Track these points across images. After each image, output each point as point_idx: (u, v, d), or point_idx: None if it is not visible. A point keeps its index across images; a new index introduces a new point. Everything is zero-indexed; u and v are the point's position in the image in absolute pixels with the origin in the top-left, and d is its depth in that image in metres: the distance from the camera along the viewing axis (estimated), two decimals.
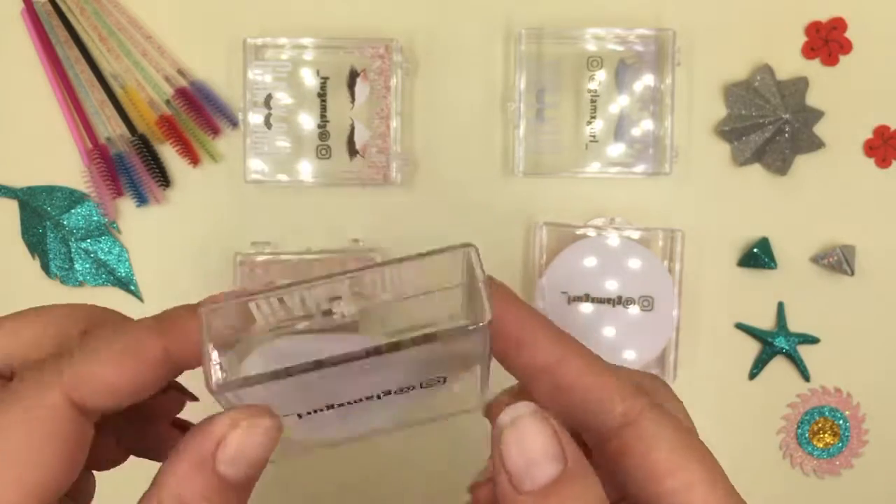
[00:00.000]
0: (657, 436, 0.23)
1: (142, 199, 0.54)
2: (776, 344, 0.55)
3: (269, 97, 0.53)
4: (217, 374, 0.21)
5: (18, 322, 0.23)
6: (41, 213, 0.55)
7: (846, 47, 0.54)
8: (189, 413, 0.27)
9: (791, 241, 0.55)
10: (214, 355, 0.21)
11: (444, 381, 0.24)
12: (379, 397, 0.24)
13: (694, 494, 0.22)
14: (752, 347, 0.56)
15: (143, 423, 0.27)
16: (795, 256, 0.55)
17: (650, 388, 0.25)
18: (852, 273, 0.54)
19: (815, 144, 0.54)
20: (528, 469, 0.20)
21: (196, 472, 0.20)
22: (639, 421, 0.23)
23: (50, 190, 0.55)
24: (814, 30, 0.54)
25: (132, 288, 0.55)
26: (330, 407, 0.23)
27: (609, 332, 0.53)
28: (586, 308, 0.53)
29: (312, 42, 0.53)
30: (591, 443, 0.24)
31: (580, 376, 0.23)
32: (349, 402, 0.23)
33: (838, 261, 0.54)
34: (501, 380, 0.26)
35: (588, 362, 0.24)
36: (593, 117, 0.54)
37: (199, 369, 0.21)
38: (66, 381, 0.21)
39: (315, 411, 0.23)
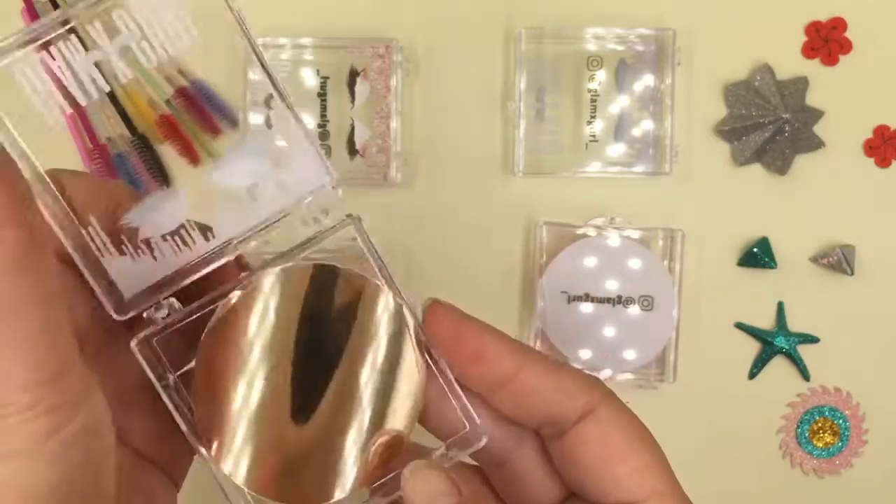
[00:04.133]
0: (613, 423, 0.25)
1: None
2: (776, 343, 0.55)
3: (269, 97, 0.53)
4: None
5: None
6: None
7: (846, 47, 0.54)
8: None
9: (791, 241, 0.55)
10: None
11: None
12: None
13: (645, 478, 0.24)
14: (752, 347, 0.56)
15: None
16: (795, 256, 0.55)
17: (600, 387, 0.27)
18: (852, 273, 0.54)
19: (815, 144, 0.54)
20: None
21: None
22: (597, 411, 0.25)
23: None
24: (814, 29, 0.54)
25: None
26: None
27: (609, 331, 0.53)
28: (586, 308, 0.53)
29: (312, 42, 0.53)
30: (549, 438, 0.26)
31: (540, 380, 0.25)
32: None
33: (838, 260, 0.54)
34: None
35: (545, 366, 0.25)
36: (593, 117, 0.54)
37: None
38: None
39: None
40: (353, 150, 0.53)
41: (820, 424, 0.56)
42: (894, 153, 0.55)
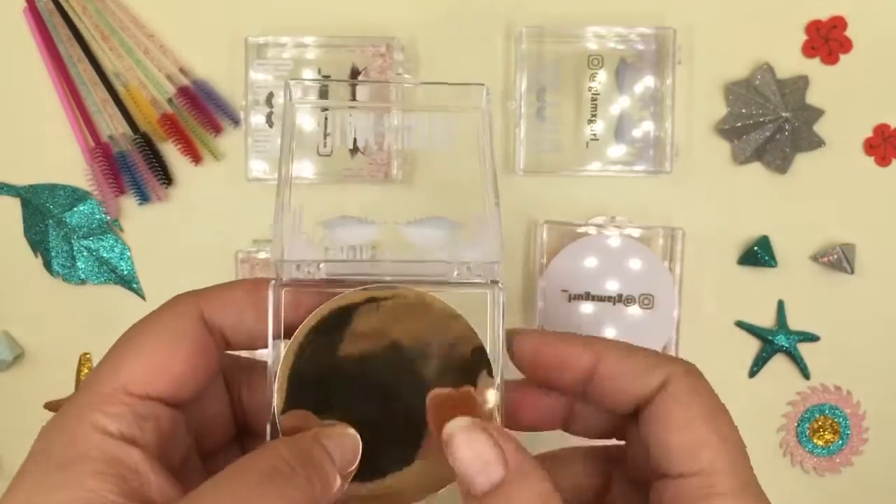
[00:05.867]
0: (680, 397, 0.26)
1: (144, 198, 0.54)
2: (776, 342, 0.55)
3: (270, 95, 0.53)
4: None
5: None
6: (43, 212, 0.55)
7: (846, 46, 0.54)
8: None
9: (791, 240, 0.55)
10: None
11: None
12: None
13: (701, 452, 0.25)
14: (753, 345, 0.56)
15: None
16: (795, 255, 0.55)
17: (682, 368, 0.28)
18: (852, 271, 0.54)
19: (815, 143, 0.54)
20: (474, 475, 0.24)
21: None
22: (668, 385, 0.26)
23: (52, 188, 0.55)
24: (814, 28, 0.54)
25: (134, 286, 0.55)
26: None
27: (609, 331, 0.53)
28: (587, 307, 0.53)
29: (314, 40, 0.53)
30: (636, 411, 0.27)
31: (618, 364, 0.27)
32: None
33: (838, 259, 0.54)
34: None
35: (620, 351, 0.27)
36: (594, 116, 0.54)
37: None
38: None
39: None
40: (354, 148, 0.54)
41: (820, 423, 0.56)
42: (894, 152, 0.55)
